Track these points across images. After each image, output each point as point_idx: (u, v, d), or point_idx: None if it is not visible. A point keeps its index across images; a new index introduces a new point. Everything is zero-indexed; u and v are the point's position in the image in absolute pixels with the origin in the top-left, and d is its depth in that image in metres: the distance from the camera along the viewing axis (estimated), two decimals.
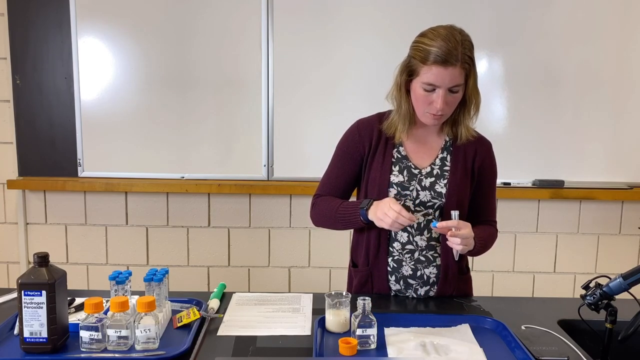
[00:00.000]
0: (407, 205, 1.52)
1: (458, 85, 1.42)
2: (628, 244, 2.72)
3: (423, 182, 1.53)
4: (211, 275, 2.75)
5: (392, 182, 1.53)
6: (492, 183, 1.64)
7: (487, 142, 1.63)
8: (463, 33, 1.43)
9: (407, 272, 1.57)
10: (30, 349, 1.18)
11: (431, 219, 1.54)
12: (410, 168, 1.54)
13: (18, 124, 2.58)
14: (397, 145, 1.56)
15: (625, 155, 2.59)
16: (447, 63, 1.37)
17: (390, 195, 1.52)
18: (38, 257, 1.18)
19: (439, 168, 1.55)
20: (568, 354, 1.23)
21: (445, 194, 1.52)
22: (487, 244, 1.59)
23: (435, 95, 1.42)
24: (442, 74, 1.39)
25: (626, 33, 2.52)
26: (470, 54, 1.42)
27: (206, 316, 1.39)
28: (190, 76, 2.55)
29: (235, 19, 2.52)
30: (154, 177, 2.60)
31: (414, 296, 1.60)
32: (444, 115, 1.47)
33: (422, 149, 1.57)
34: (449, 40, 1.38)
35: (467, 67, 1.41)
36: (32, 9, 2.51)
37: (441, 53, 1.37)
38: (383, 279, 1.58)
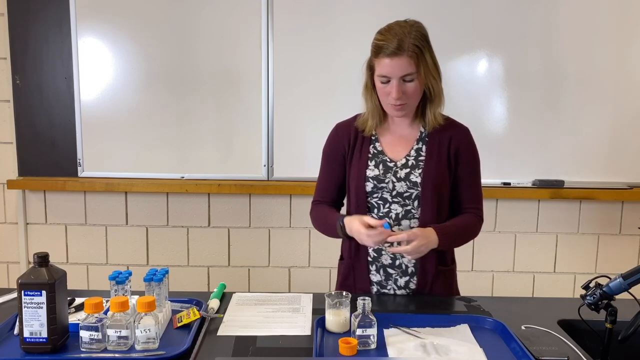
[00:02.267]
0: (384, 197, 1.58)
1: (410, 74, 1.48)
2: (628, 244, 2.72)
3: (398, 173, 1.57)
4: (211, 275, 2.75)
5: (368, 176, 1.58)
6: (471, 169, 1.63)
7: (462, 128, 1.64)
8: (414, 25, 1.52)
9: (386, 261, 1.61)
10: (30, 349, 1.18)
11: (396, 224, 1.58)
12: (386, 162, 1.59)
13: (18, 124, 2.58)
14: (374, 141, 1.62)
15: (625, 155, 2.59)
16: (393, 54, 1.45)
17: (367, 188, 1.58)
18: (38, 257, 1.18)
19: (414, 159, 1.58)
20: (568, 354, 1.23)
21: (421, 183, 1.56)
22: (462, 235, 1.61)
23: (390, 86, 1.49)
24: (390, 64, 1.46)
25: (626, 33, 2.52)
26: (418, 44, 1.47)
27: (206, 316, 1.39)
28: (191, 76, 2.55)
29: (235, 19, 2.52)
30: (154, 177, 2.60)
31: (395, 288, 1.62)
32: (406, 105, 1.52)
33: (397, 142, 1.61)
34: (396, 32, 1.48)
35: (415, 55, 1.46)
36: (32, 9, 2.51)
37: (388, 45, 1.46)
38: (364, 269, 1.63)
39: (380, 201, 1.59)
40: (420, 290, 1.62)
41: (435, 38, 2.49)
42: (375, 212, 1.60)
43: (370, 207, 1.60)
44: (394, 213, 1.58)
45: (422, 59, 1.48)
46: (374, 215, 1.59)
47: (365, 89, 1.59)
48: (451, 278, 1.69)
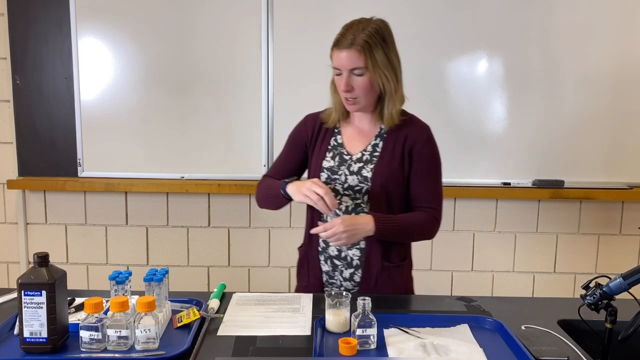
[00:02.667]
0: (336, 189, 1.61)
1: (359, 68, 1.51)
2: (628, 244, 2.72)
3: (352, 167, 1.61)
4: (211, 275, 2.75)
5: (324, 166, 1.63)
6: (427, 167, 1.63)
7: (420, 126, 1.65)
8: (374, 22, 1.56)
9: (333, 252, 1.65)
10: (30, 349, 1.18)
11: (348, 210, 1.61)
12: (343, 154, 1.63)
13: (18, 124, 2.58)
14: (336, 134, 1.67)
15: (625, 155, 2.59)
16: (343, 46, 1.51)
17: (322, 178, 1.63)
18: (38, 257, 1.18)
19: (370, 154, 1.62)
20: (568, 354, 1.23)
21: (371, 178, 1.58)
22: (407, 231, 1.60)
23: (341, 79, 1.54)
24: (340, 56, 1.52)
25: (626, 33, 2.51)
26: (370, 40, 1.50)
27: (206, 316, 1.39)
28: (191, 76, 2.55)
29: (235, 19, 2.52)
30: (154, 177, 2.60)
31: (341, 279, 1.65)
32: (357, 99, 1.56)
33: (357, 137, 1.65)
34: (350, 27, 1.54)
35: (364, 50, 1.49)
36: (32, 9, 2.51)
37: (340, 38, 1.53)
38: (315, 258, 1.68)
39: (333, 193, 1.60)
40: (365, 284, 1.63)
41: (435, 38, 2.52)
42: None
43: None
44: (344, 206, 1.62)
45: (371, 54, 1.51)
46: (341, 209, 1.62)
47: (331, 83, 1.64)
48: (400, 275, 1.67)
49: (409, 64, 2.51)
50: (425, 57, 2.53)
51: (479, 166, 2.59)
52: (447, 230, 2.70)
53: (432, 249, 2.71)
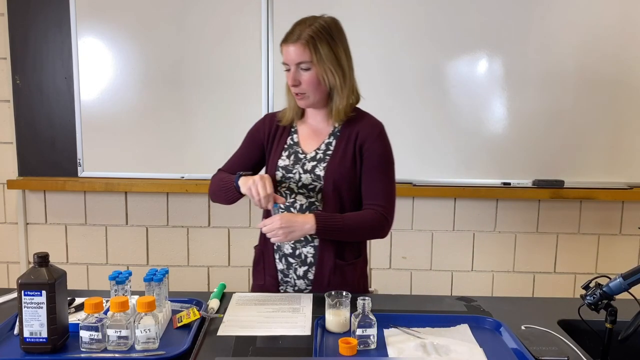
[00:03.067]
0: (291, 187, 1.63)
1: (305, 63, 1.54)
2: (628, 244, 2.72)
3: (306, 165, 1.63)
4: (211, 275, 2.75)
5: (279, 165, 1.65)
6: (376, 165, 1.60)
7: (371, 123, 1.64)
8: (322, 19, 1.58)
9: (287, 250, 1.66)
10: (30, 349, 1.18)
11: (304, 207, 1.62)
12: (298, 153, 1.65)
13: (18, 124, 2.58)
14: (292, 132, 1.69)
15: (625, 155, 2.59)
16: (289, 41, 1.54)
17: (277, 177, 1.64)
18: (38, 257, 1.18)
19: (323, 152, 1.63)
20: (568, 354, 1.23)
21: (324, 176, 1.59)
22: (351, 229, 1.57)
23: (288, 73, 1.57)
24: (286, 51, 1.55)
25: (626, 33, 2.51)
26: (315, 35, 1.53)
27: (206, 316, 1.39)
28: (191, 75, 2.55)
29: (235, 19, 2.52)
30: (154, 177, 2.60)
31: (295, 278, 1.65)
32: (306, 95, 1.58)
33: (312, 135, 1.67)
34: (298, 23, 1.57)
35: (309, 45, 1.52)
36: (32, 9, 2.51)
37: (288, 34, 1.56)
38: (271, 256, 1.68)
39: (287, 191, 1.64)
40: (318, 282, 1.63)
41: (434, 38, 2.52)
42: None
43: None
44: (298, 204, 1.63)
45: (316, 49, 1.53)
46: (281, 205, 1.64)
47: (286, 83, 1.64)
48: (354, 273, 1.67)
49: (409, 64, 2.54)
50: (426, 57, 2.53)
51: (479, 166, 2.59)
52: (447, 230, 2.71)
53: (432, 249, 2.71)
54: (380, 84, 2.54)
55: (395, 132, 2.56)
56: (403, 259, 2.73)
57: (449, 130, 2.57)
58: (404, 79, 2.54)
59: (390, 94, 2.54)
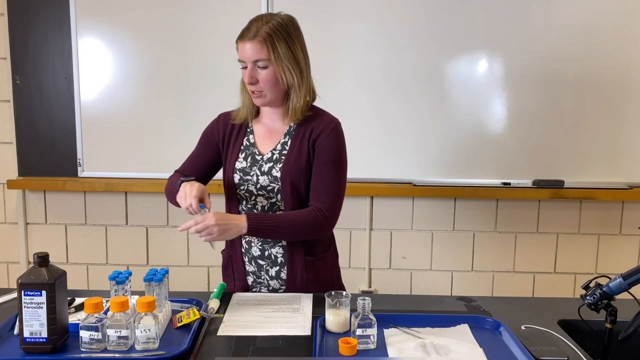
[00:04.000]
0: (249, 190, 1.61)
1: (262, 60, 1.51)
2: (628, 244, 2.72)
3: (263, 167, 1.61)
4: (211, 275, 2.75)
5: (236, 168, 1.63)
6: (324, 162, 1.57)
7: (325, 119, 1.61)
8: (276, 16, 1.55)
9: (256, 252, 1.64)
10: (30, 349, 1.18)
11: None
12: (254, 154, 1.63)
13: (18, 124, 2.58)
14: (249, 133, 1.66)
15: (625, 155, 2.59)
16: (244, 38, 1.52)
17: (235, 180, 1.62)
18: (38, 257, 1.18)
19: (279, 153, 1.61)
20: (568, 354, 1.23)
21: (280, 177, 1.58)
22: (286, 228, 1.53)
23: (245, 71, 1.55)
24: (242, 48, 1.53)
25: (626, 32, 2.51)
26: (272, 32, 1.50)
27: (206, 316, 1.39)
28: (191, 76, 2.55)
29: (236, 18, 2.50)
30: (154, 177, 2.59)
31: (268, 279, 1.64)
32: (263, 93, 1.55)
33: (268, 135, 1.65)
34: (254, 20, 1.54)
35: (266, 42, 1.50)
36: (32, 9, 2.51)
37: (244, 31, 1.54)
38: (239, 260, 1.67)
39: (247, 194, 1.62)
40: (291, 280, 1.62)
41: (435, 38, 2.52)
42: (244, 204, 1.63)
43: (239, 199, 1.64)
44: (260, 205, 1.62)
45: (274, 47, 1.51)
46: (243, 208, 1.63)
47: (241, 80, 1.62)
48: (325, 267, 1.68)
49: (409, 64, 2.54)
50: (426, 57, 2.53)
51: (479, 166, 2.59)
52: (447, 230, 2.71)
53: (432, 248, 2.71)
54: (380, 84, 2.54)
55: (395, 132, 2.58)
56: (403, 259, 2.73)
57: (449, 130, 2.57)
58: (404, 79, 2.54)
59: (391, 94, 2.54)
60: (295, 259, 1.62)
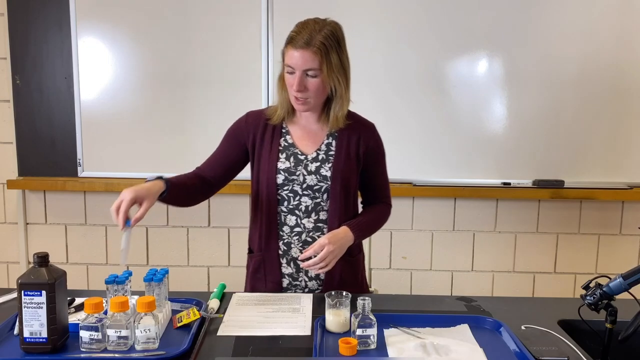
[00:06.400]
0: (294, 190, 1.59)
1: (313, 69, 1.50)
2: (628, 244, 2.72)
3: (309, 167, 1.61)
4: (211, 275, 2.75)
5: (279, 168, 1.61)
6: (380, 163, 1.70)
7: (369, 126, 1.68)
8: (330, 24, 1.55)
9: (295, 254, 1.63)
10: (30, 349, 1.18)
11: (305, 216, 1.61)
12: (297, 154, 1.62)
13: (18, 124, 2.58)
14: (284, 134, 1.64)
15: (625, 155, 2.59)
16: (300, 47, 1.48)
17: (278, 180, 1.60)
18: (38, 257, 1.18)
19: (324, 153, 1.62)
20: (568, 354, 1.23)
21: (330, 176, 1.59)
22: (374, 225, 1.69)
23: (293, 78, 1.52)
24: (295, 56, 1.49)
25: (626, 32, 2.51)
26: (326, 42, 1.50)
27: (206, 316, 1.39)
28: (191, 76, 2.55)
29: (236, 18, 2.52)
30: None
31: (306, 280, 1.64)
32: (308, 100, 1.54)
33: (307, 136, 1.64)
34: (306, 27, 1.52)
35: (320, 52, 1.48)
36: (32, 9, 2.51)
37: (296, 37, 1.50)
38: (275, 262, 1.65)
39: (291, 194, 1.61)
40: (330, 281, 1.63)
41: (435, 38, 2.52)
42: (285, 205, 1.62)
43: (281, 200, 1.62)
44: (303, 205, 1.61)
45: (327, 57, 1.50)
46: (284, 208, 1.62)
47: (278, 79, 1.62)
48: (357, 268, 1.72)
49: (410, 64, 2.54)
50: (426, 57, 2.53)
51: (479, 166, 2.59)
52: (447, 230, 2.71)
53: (432, 249, 2.71)
54: (381, 83, 2.54)
55: (395, 132, 2.58)
56: (403, 259, 2.73)
57: (449, 130, 2.57)
58: (404, 79, 2.54)
59: (391, 93, 2.54)
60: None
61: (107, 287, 1.33)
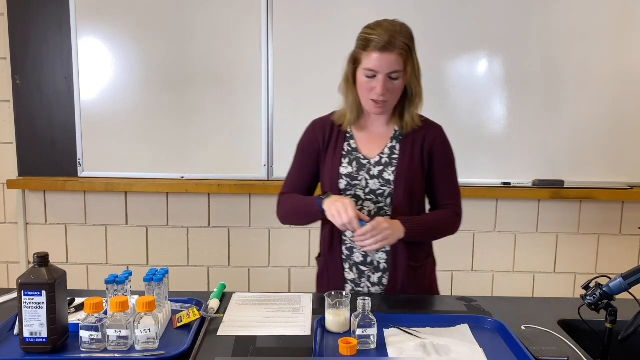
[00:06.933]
0: (357, 194, 1.58)
1: (397, 72, 1.48)
2: (628, 244, 2.72)
3: (372, 171, 1.58)
4: (211, 275, 2.75)
5: (342, 173, 1.59)
6: (446, 166, 1.64)
7: (436, 127, 1.65)
8: (403, 25, 1.53)
9: (358, 258, 1.62)
10: (30, 349, 1.18)
11: None
12: (360, 159, 1.60)
13: (18, 124, 2.58)
14: (349, 138, 1.62)
15: (625, 155, 2.59)
16: (384, 49, 1.46)
17: (341, 185, 1.59)
18: (38, 257, 1.18)
19: (388, 157, 1.59)
20: (568, 354, 1.23)
21: (394, 180, 1.56)
22: (433, 228, 1.61)
23: (376, 81, 1.49)
24: (380, 59, 1.46)
25: (625, 32, 2.51)
26: (409, 43, 1.49)
27: (206, 316, 1.39)
28: (190, 76, 2.55)
29: (235, 18, 2.52)
30: (154, 177, 2.60)
31: (369, 285, 1.63)
32: (386, 103, 1.53)
33: (371, 140, 1.62)
34: (387, 29, 1.48)
35: (404, 54, 1.48)
36: (32, 9, 2.51)
37: (380, 40, 1.46)
38: (338, 266, 1.64)
39: (354, 198, 1.59)
40: (393, 286, 1.62)
41: (434, 38, 2.52)
42: None
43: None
44: (366, 210, 1.59)
45: (410, 58, 1.50)
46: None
47: (345, 83, 1.59)
48: (424, 274, 1.69)
49: None
50: (426, 57, 2.50)
51: (479, 166, 2.59)
52: None
53: None
54: None
55: None
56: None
57: (448, 130, 2.54)
58: None
59: None
60: (398, 264, 1.60)
61: (107, 287, 1.33)
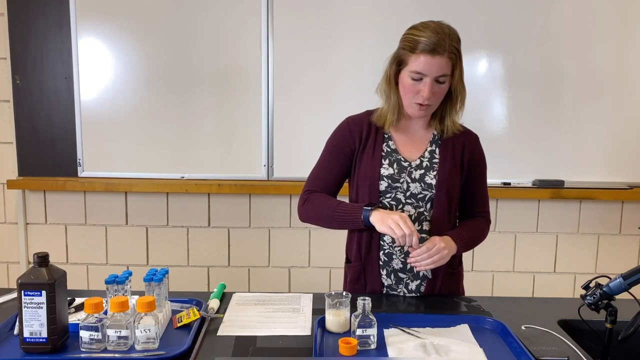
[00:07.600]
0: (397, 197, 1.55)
1: (444, 76, 1.46)
2: (628, 244, 2.72)
3: (413, 174, 1.56)
4: (211, 275, 2.75)
5: (383, 175, 1.55)
6: (482, 174, 1.66)
7: (474, 136, 1.66)
8: (451, 28, 1.49)
9: (397, 265, 1.59)
10: (30, 349, 1.18)
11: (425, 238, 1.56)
12: (400, 161, 1.57)
13: (18, 124, 2.58)
14: (387, 139, 1.59)
15: (625, 155, 2.59)
16: (434, 52, 1.42)
17: (381, 187, 1.55)
18: (38, 257, 1.18)
19: (428, 160, 1.57)
20: (568, 354, 1.23)
21: (435, 185, 1.55)
22: (475, 240, 1.64)
23: (423, 84, 1.47)
24: (429, 62, 1.43)
25: (626, 33, 2.52)
26: (457, 47, 1.47)
27: (206, 316, 1.39)
28: (190, 76, 2.55)
29: (235, 18, 2.52)
30: (154, 177, 2.60)
31: (405, 292, 1.61)
32: (430, 106, 1.51)
33: (411, 142, 1.60)
34: (437, 31, 1.45)
35: (454, 57, 1.46)
36: (32, 9, 2.51)
37: (429, 42, 1.43)
38: (375, 273, 1.60)
39: (394, 202, 1.55)
40: (430, 292, 1.61)
41: None
42: None
43: (383, 208, 1.54)
44: (406, 214, 1.52)
45: (458, 63, 1.48)
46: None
47: (386, 84, 1.56)
48: (458, 279, 1.70)
49: None
50: None
51: None
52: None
53: None
54: None
55: None
56: None
57: None
58: None
59: None
60: (438, 271, 1.58)
61: (107, 287, 1.33)
